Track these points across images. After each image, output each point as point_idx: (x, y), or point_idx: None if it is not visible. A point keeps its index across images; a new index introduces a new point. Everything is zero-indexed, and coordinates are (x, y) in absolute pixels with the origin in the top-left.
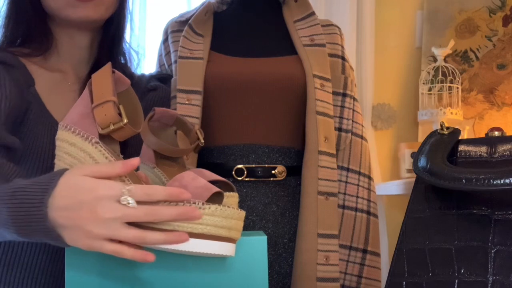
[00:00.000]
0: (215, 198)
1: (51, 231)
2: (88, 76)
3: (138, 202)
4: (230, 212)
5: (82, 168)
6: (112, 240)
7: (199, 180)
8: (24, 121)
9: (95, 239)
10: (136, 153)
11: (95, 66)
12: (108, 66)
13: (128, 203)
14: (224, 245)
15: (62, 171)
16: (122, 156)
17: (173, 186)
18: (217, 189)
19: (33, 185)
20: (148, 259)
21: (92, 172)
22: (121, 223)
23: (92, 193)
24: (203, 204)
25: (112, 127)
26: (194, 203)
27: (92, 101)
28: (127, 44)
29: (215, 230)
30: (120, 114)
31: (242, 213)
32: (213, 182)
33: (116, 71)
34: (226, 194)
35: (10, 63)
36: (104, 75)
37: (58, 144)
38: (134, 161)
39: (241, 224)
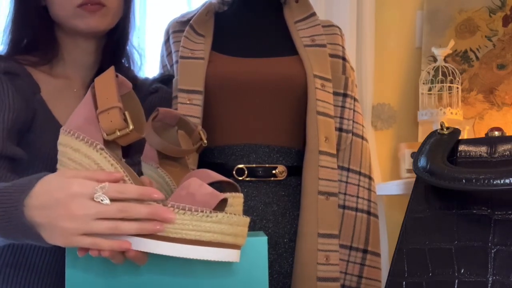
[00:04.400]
0: (220, 204)
1: (29, 229)
2: (93, 81)
3: (112, 200)
4: (236, 219)
5: (64, 171)
6: (89, 235)
7: (205, 186)
8: (31, 128)
9: (71, 235)
10: (137, 153)
11: (100, 71)
12: (111, 70)
13: (102, 201)
14: (230, 251)
15: (43, 174)
16: (124, 160)
17: (181, 194)
18: (223, 196)
19: (13, 187)
20: (125, 246)
21: (73, 175)
22: (95, 218)
23: (66, 191)
24: (210, 212)
25: (118, 133)
26: (202, 211)
27: (95, 106)
28: (131, 47)
29: (222, 237)
30: (125, 120)
31: (247, 219)
32: (218, 182)
33: (119, 75)
34: (232, 194)
35: (14, 72)
36: (108, 79)
37: (60, 149)
38: (118, 175)
39: (246, 230)
